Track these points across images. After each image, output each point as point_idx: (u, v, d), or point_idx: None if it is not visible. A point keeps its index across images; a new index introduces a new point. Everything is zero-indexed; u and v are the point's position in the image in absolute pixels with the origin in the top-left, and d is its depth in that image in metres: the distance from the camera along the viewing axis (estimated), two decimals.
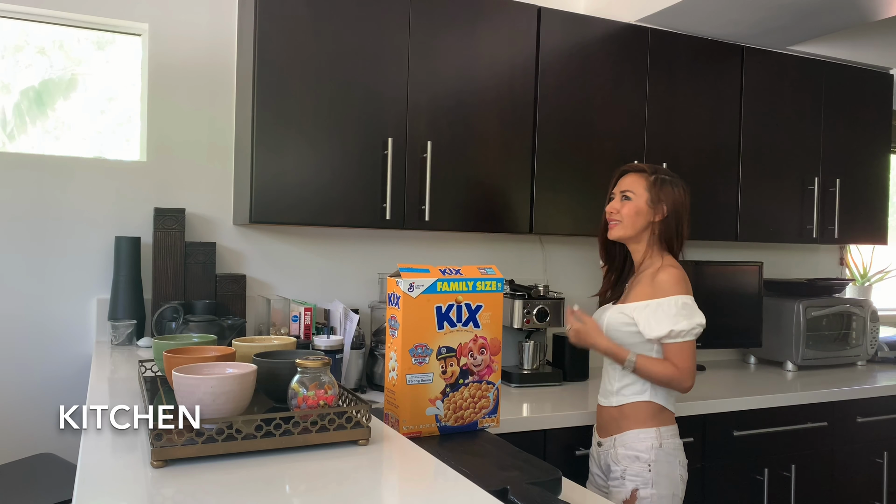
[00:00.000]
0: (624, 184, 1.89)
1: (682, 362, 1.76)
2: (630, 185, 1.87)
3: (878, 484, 2.62)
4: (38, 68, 2.39)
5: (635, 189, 1.86)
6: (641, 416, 1.81)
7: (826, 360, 2.95)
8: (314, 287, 2.49)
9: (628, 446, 1.80)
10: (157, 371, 1.56)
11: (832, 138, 3.00)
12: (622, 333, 1.82)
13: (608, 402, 1.87)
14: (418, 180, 2.23)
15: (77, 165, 2.26)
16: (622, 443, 1.82)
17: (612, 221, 1.88)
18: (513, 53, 2.37)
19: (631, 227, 1.86)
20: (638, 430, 1.80)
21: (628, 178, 1.89)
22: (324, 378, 1.16)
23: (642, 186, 1.86)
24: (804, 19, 2.63)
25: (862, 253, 3.74)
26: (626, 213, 1.85)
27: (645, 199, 1.85)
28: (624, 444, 1.81)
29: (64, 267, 2.23)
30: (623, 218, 1.86)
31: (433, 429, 1.37)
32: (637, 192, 1.85)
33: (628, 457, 1.79)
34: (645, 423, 1.81)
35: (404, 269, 1.36)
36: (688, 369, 1.77)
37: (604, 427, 1.90)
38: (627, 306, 1.83)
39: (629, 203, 1.86)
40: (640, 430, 1.80)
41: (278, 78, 2.07)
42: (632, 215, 1.85)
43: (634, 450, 1.79)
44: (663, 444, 1.79)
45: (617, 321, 1.83)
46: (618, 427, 1.84)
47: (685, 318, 1.76)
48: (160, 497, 0.96)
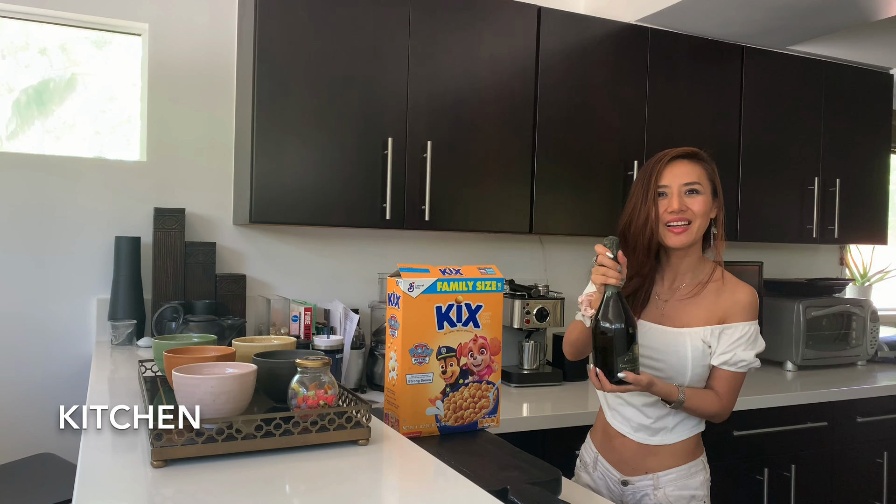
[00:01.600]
0: (682, 173, 1.49)
1: (729, 393, 1.49)
2: (693, 175, 1.49)
3: (878, 484, 2.62)
4: (38, 68, 2.39)
5: (701, 179, 1.50)
6: (691, 448, 1.54)
7: (826, 360, 2.95)
8: (314, 287, 2.49)
9: (681, 485, 1.52)
10: (157, 371, 1.56)
11: (832, 138, 3.00)
12: (703, 368, 1.49)
13: (654, 440, 1.53)
14: (418, 180, 2.23)
15: (77, 165, 2.26)
16: (671, 482, 1.52)
17: (678, 223, 1.48)
18: (513, 53, 2.37)
19: (702, 229, 1.50)
20: (688, 464, 1.53)
21: (685, 166, 1.50)
22: (324, 378, 1.16)
23: (705, 176, 1.51)
24: (804, 19, 2.63)
25: (862, 253, 3.74)
26: (699, 210, 1.48)
27: (710, 192, 1.51)
28: (674, 483, 1.52)
29: (64, 267, 2.23)
30: (694, 217, 1.48)
31: (433, 429, 1.37)
32: (703, 183, 1.50)
33: (683, 497, 1.51)
34: (693, 455, 1.54)
35: (404, 269, 1.36)
36: (732, 403, 1.51)
37: (633, 464, 1.55)
38: (699, 331, 1.48)
39: (699, 198, 1.48)
40: (690, 464, 1.53)
41: (278, 78, 2.07)
42: (705, 214, 1.49)
43: (689, 488, 1.52)
44: (708, 471, 1.57)
45: (700, 353, 1.48)
46: (660, 464, 1.53)
47: (752, 348, 1.49)
48: (160, 497, 0.96)
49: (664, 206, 1.49)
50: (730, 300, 1.50)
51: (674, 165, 1.51)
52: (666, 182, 1.50)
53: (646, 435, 1.54)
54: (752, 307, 1.51)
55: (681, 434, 1.53)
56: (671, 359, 1.49)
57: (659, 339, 1.51)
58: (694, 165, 1.51)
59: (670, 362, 1.49)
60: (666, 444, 1.53)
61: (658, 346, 1.50)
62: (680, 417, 1.53)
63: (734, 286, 1.53)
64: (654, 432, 1.54)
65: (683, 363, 1.48)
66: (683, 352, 1.48)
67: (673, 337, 1.50)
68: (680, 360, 1.48)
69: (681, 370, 1.49)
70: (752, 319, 1.50)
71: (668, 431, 1.53)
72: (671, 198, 1.48)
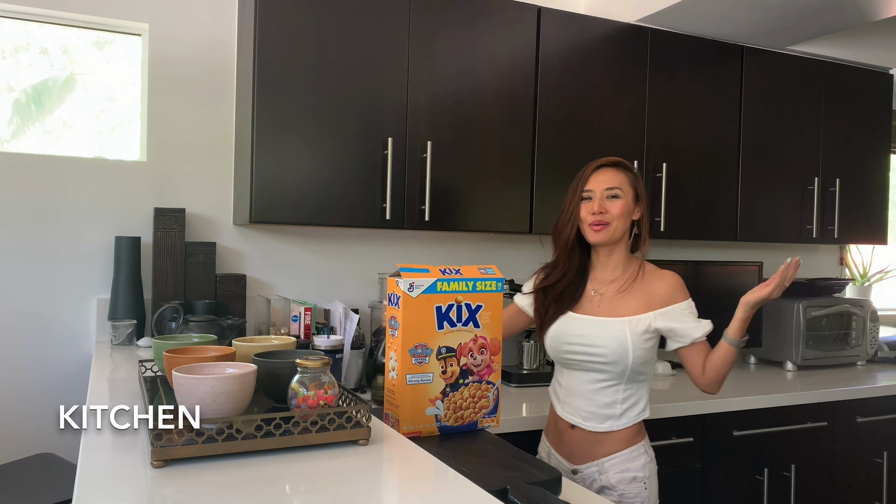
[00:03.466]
0: (605, 180, 1.69)
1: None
2: (614, 181, 1.69)
3: (878, 484, 2.62)
4: (38, 68, 2.39)
5: (621, 185, 1.68)
6: (632, 434, 1.68)
7: (826, 360, 2.95)
8: (314, 287, 2.49)
9: (623, 468, 1.65)
10: (157, 371, 1.56)
11: (832, 138, 3.00)
12: (644, 351, 1.65)
13: (603, 427, 1.67)
14: (418, 180, 2.23)
15: (77, 165, 2.26)
16: (614, 466, 1.66)
17: (598, 224, 1.67)
18: (513, 53, 2.37)
19: (621, 229, 1.68)
20: (629, 449, 1.66)
21: (608, 174, 1.70)
22: (324, 378, 1.16)
23: (626, 182, 1.70)
24: (804, 19, 2.63)
25: (862, 253, 3.74)
26: (617, 213, 1.67)
27: (631, 197, 1.70)
28: (616, 466, 1.65)
29: (64, 267, 2.23)
30: (613, 219, 1.67)
31: (433, 429, 1.37)
32: (624, 188, 1.68)
33: (625, 480, 1.64)
34: (635, 440, 1.68)
35: (404, 269, 1.36)
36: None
37: (581, 454, 1.70)
38: (638, 318, 1.65)
39: (618, 202, 1.68)
40: (631, 448, 1.66)
41: (278, 78, 2.07)
42: (623, 216, 1.68)
43: (630, 471, 1.65)
44: (651, 455, 1.70)
45: (640, 337, 1.64)
46: (604, 450, 1.67)
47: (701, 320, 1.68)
48: (160, 497, 0.96)
49: (588, 209, 1.69)
50: (661, 286, 1.68)
51: (599, 173, 1.71)
52: (590, 187, 1.70)
53: (595, 423, 1.68)
54: (682, 286, 1.69)
55: (627, 421, 1.67)
56: (613, 344, 1.63)
57: (599, 329, 1.66)
58: (617, 173, 1.70)
59: (612, 347, 1.63)
60: (613, 430, 1.66)
61: (599, 334, 1.65)
62: (627, 405, 1.67)
63: (659, 274, 1.71)
64: (603, 419, 1.67)
65: (624, 347, 1.63)
66: (623, 337, 1.63)
67: (612, 326, 1.65)
68: (621, 344, 1.63)
69: (623, 354, 1.63)
70: (688, 297, 1.69)
71: (616, 419, 1.67)
72: (594, 201, 1.68)
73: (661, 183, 2.59)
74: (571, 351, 1.69)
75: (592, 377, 1.68)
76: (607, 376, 1.66)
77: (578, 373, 1.70)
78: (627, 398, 1.67)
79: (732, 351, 1.64)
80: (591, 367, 1.67)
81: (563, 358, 1.72)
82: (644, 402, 1.69)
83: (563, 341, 1.70)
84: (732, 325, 1.65)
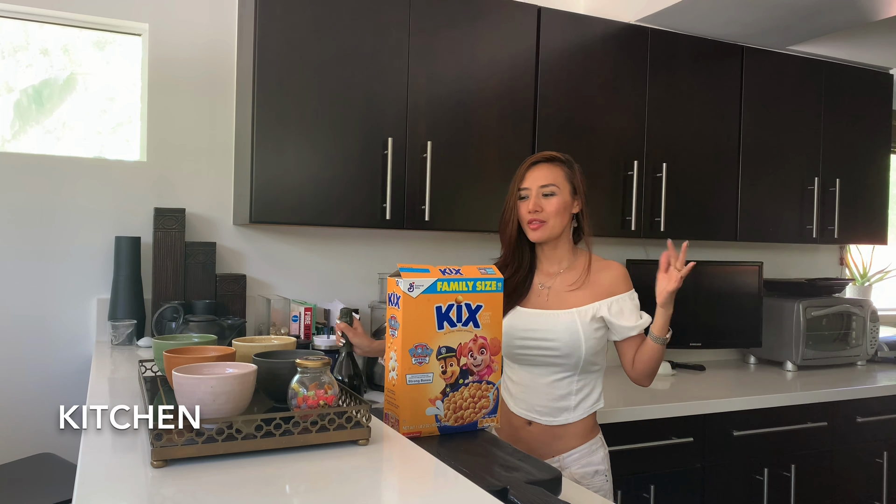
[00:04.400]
0: (540, 177, 1.65)
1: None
2: (549, 178, 1.65)
3: (878, 484, 2.62)
4: (38, 68, 2.39)
5: (557, 182, 1.65)
6: (589, 427, 1.68)
7: (826, 360, 2.95)
8: (314, 287, 2.49)
9: (584, 462, 1.65)
10: (157, 371, 1.56)
11: (832, 138, 3.00)
12: (595, 341, 1.64)
13: (558, 420, 1.66)
14: (418, 180, 2.23)
15: (77, 165, 2.26)
16: (575, 461, 1.65)
17: (534, 222, 1.65)
18: (513, 53, 2.37)
19: (559, 226, 1.66)
20: (588, 443, 1.66)
21: (543, 170, 1.66)
22: (324, 378, 1.16)
23: (562, 177, 1.66)
24: (804, 19, 2.63)
25: (862, 253, 3.74)
26: (553, 211, 1.64)
27: (568, 192, 1.66)
28: (578, 461, 1.65)
29: (64, 267, 2.23)
30: (549, 217, 1.64)
31: (433, 429, 1.37)
32: (560, 185, 1.65)
33: (588, 474, 1.64)
34: (592, 433, 1.68)
35: (404, 269, 1.35)
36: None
37: (540, 450, 1.66)
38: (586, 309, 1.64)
39: (554, 199, 1.64)
40: (590, 442, 1.67)
41: (278, 78, 2.07)
42: (559, 213, 1.65)
43: (592, 465, 1.65)
44: (606, 447, 1.70)
45: (590, 327, 1.63)
46: (564, 445, 1.66)
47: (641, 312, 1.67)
48: (160, 497, 0.96)
49: (525, 207, 1.66)
50: (606, 276, 1.67)
51: (534, 170, 1.67)
52: (526, 185, 1.67)
53: (550, 417, 1.66)
54: (626, 276, 1.69)
55: (581, 412, 1.66)
56: (565, 336, 1.62)
57: (550, 322, 1.64)
58: (552, 168, 1.67)
59: (564, 339, 1.62)
60: (569, 423, 1.65)
61: (550, 327, 1.64)
62: (580, 396, 1.66)
63: (605, 265, 1.70)
64: (559, 412, 1.66)
65: (576, 338, 1.61)
66: (575, 328, 1.62)
67: (563, 318, 1.64)
68: (572, 336, 1.61)
69: (575, 346, 1.62)
70: (631, 288, 1.68)
71: (571, 411, 1.65)
72: (529, 199, 1.66)
73: (661, 183, 2.59)
74: (524, 346, 1.67)
75: (545, 371, 1.66)
76: (560, 369, 1.65)
77: (530, 367, 1.68)
78: (581, 389, 1.66)
79: (658, 348, 1.62)
80: (544, 361, 1.66)
81: (515, 353, 1.69)
82: (598, 393, 1.68)
83: (514, 336, 1.67)
84: (654, 322, 1.63)
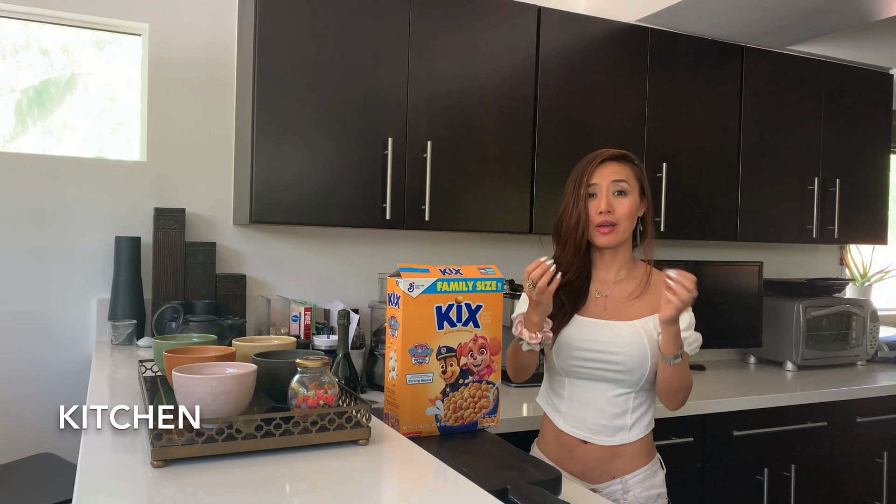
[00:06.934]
0: (611, 173, 1.52)
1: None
2: (621, 175, 1.52)
3: (878, 484, 2.62)
4: (38, 68, 2.39)
5: (628, 179, 1.52)
6: (648, 446, 1.55)
7: (826, 360, 2.95)
8: (314, 287, 2.49)
9: (647, 485, 1.52)
10: (157, 371, 1.56)
11: (832, 138, 3.00)
12: (658, 357, 1.48)
13: (614, 441, 1.52)
14: (418, 180, 2.23)
15: (77, 165, 2.26)
16: (639, 483, 1.52)
17: (605, 226, 1.51)
18: (513, 53, 2.37)
19: (629, 230, 1.53)
20: (650, 464, 1.54)
21: (614, 167, 1.53)
22: (324, 378, 1.16)
23: (633, 176, 1.54)
24: (804, 19, 2.63)
25: (862, 253, 3.74)
26: (625, 213, 1.51)
27: (638, 192, 1.54)
28: (641, 483, 1.52)
29: (64, 267, 2.23)
30: (620, 220, 1.51)
31: (433, 429, 1.37)
32: (630, 183, 1.52)
33: (651, 497, 1.52)
34: (652, 453, 1.56)
35: (404, 269, 1.36)
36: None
37: (599, 471, 1.53)
38: (649, 321, 1.49)
39: (626, 200, 1.51)
40: (651, 462, 1.55)
41: (278, 78, 2.07)
42: (631, 216, 1.52)
43: (654, 487, 1.53)
44: (665, 469, 1.59)
45: (655, 342, 1.48)
46: (626, 466, 1.52)
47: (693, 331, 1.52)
48: (160, 497, 0.96)
49: (594, 208, 1.52)
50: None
51: (604, 167, 1.54)
52: (595, 181, 1.53)
53: (605, 437, 1.52)
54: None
55: (638, 432, 1.53)
56: (632, 351, 1.48)
57: (614, 333, 1.50)
58: (622, 166, 1.54)
59: (631, 354, 1.48)
60: (626, 443, 1.52)
61: (614, 339, 1.50)
62: (637, 415, 1.53)
63: (663, 278, 1.54)
64: (614, 432, 1.52)
65: (644, 353, 1.48)
66: (641, 342, 1.48)
67: (627, 330, 1.50)
68: (640, 351, 1.48)
69: (642, 361, 1.48)
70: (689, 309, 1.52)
71: (627, 430, 1.52)
72: (600, 198, 1.52)
73: (661, 183, 2.59)
74: (583, 357, 1.52)
75: (603, 386, 1.52)
76: (620, 385, 1.51)
77: (586, 381, 1.54)
78: (638, 407, 1.52)
79: (669, 368, 1.44)
80: (604, 377, 1.51)
81: (572, 365, 1.53)
82: (652, 412, 1.56)
83: (574, 346, 1.52)
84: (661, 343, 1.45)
